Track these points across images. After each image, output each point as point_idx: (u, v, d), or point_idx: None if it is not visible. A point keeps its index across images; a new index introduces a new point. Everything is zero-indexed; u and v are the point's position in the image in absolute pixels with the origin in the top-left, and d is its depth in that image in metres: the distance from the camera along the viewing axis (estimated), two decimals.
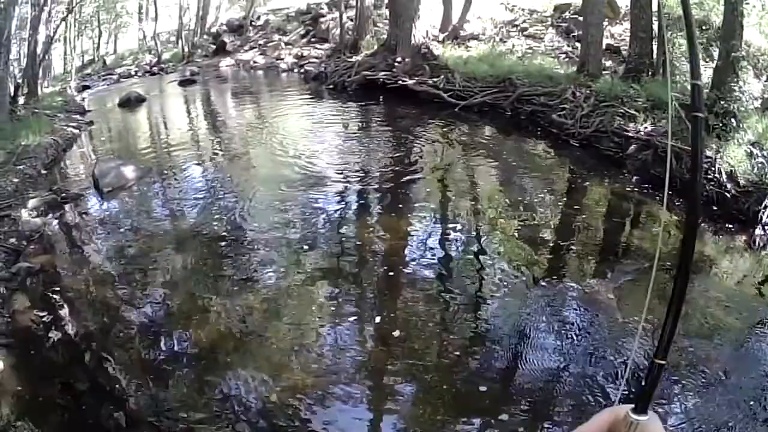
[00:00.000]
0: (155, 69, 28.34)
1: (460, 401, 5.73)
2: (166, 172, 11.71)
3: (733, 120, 11.60)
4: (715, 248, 9.44)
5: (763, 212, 9.74)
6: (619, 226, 10.55)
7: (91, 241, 9.13)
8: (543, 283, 7.80)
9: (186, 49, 30.61)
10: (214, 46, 29.56)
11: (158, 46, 31.33)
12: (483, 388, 5.88)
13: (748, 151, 10.89)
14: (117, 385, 6.06)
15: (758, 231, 9.54)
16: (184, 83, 22.31)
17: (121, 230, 9.33)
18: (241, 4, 36.54)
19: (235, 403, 5.82)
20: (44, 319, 7.05)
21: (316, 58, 23.27)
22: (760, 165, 10.51)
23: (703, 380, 6.12)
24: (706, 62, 14.44)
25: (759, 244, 9.37)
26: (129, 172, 11.03)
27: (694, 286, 7.97)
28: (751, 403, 5.82)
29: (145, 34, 34.79)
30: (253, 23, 31.12)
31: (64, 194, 10.58)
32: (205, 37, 32.02)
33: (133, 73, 28.32)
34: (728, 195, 10.34)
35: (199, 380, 6.12)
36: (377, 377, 6.14)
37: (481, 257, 8.42)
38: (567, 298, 7.57)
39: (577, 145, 13.44)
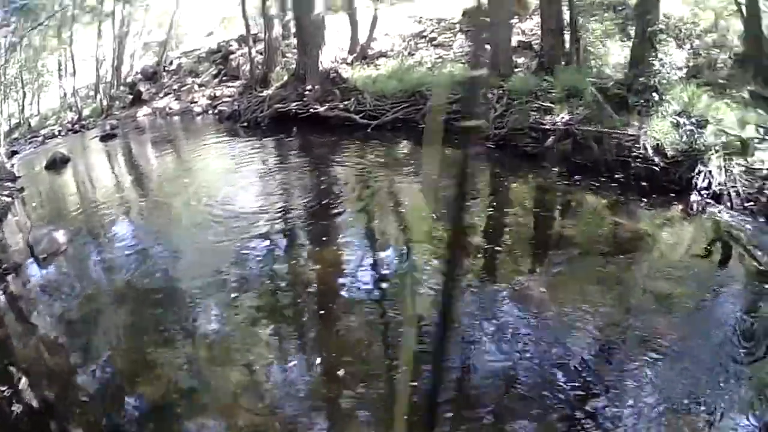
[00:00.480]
0: (77, 126, 27.22)
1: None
2: (96, 231, 11.37)
3: (654, 94, 11.33)
4: (653, 223, 9.10)
5: (697, 177, 9.46)
6: (545, 219, 10.00)
7: (36, 310, 8.74)
8: (474, 289, 7.44)
9: (105, 103, 29.58)
10: (131, 96, 28.50)
11: (78, 102, 30.27)
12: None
13: (674, 121, 10.60)
14: None
15: (694, 197, 9.24)
16: (105, 138, 21.72)
17: (62, 296, 8.86)
18: (154, 50, 35.64)
19: None
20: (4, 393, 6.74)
21: (229, 96, 22.49)
22: (688, 132, 10.17)
23: (658, 354, 6.04)
24: (624, 41, 14.47)
25: (697, 209, 9.09)
26: (61, 236, 10.67)
27: (639, 264, 7.95)
28: (708, 370, 5.79)
29: (66, 91, 33.70)
30: (166, 69, 30.20)
31: (5, 266, 10.14)
32: (122, 88, 31.00)
33: (56, 133, 27.15)
34: (657, 168, 10.06)
35: None
36: (324, 410, 5.99)
37: (413, 273, 7.77)
38: (499, 300, 7.28)
39: (494, 146, 12.94)
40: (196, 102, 23.78)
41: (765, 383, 5.64)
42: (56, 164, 18.38)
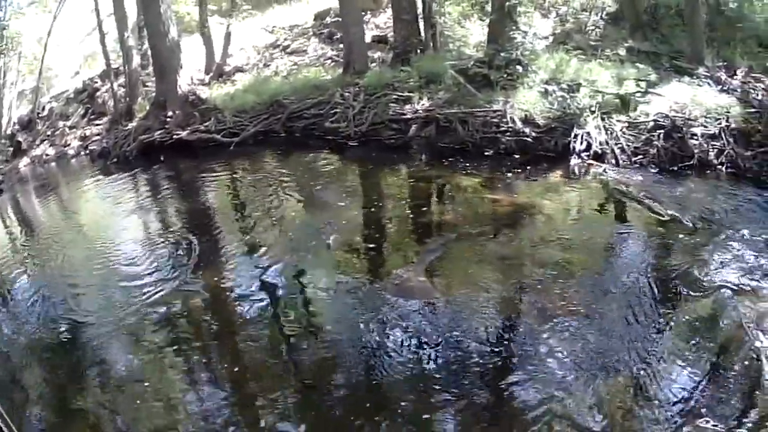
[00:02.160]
0: None
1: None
2: None
3: (518, 67, 10.91)
4: (534, 192, 8.54)
5: (574, 141, 9.00)
6: (418, 207, 9.22)
7: None
8: (352, 291, 6.91)
9: None
10: (11, 149, 26.75)
11: None
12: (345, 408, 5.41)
13: (542, 90, 10.26)
14: None
15: (573, 161, 8.82)
16: None
17: None
18: (28, 97, 33.75)
19: None
20: None
21: (98, 135, 21.32)
22: (559, 99, 9.80)
23: (566, 322, 5.68)
24: (483, 20, 13.98)
25: (579, 172, 8.67)
26: None
27: (525, 236, 7.37)
28: (621, 331, 5.50)
29: None
30: (40, 115, 28.60)
31: None
32: (2, 141, 29.10)
33: None
34: (529, 139, 9.60)
35: None
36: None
37: (301, 280, 7.62)
38: (379, 296, 6.72)
39: (357, 144, 12.37)
40: (68, 145, 22.76)
41: (686, 334, 5.40)
42: None
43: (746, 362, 5.01)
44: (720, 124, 8.71)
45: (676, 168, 8.18)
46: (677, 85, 9.88)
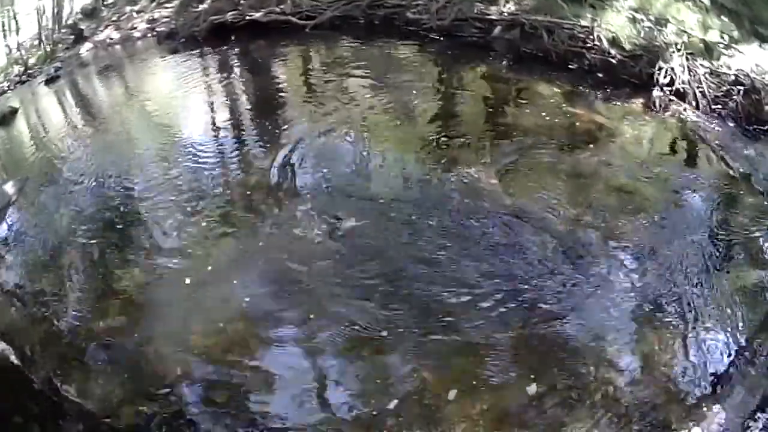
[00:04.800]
0: (24, 77, 24.65)
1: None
2: (48, 175, 9.83)
3: None
4: (613, 115, 8.44)
5: (658, 73, 8.74)
6: (494, 108, 9.31)
7: None
8: (422, 181, 7.13)
9: (48, 48, 26.95)
10: (72, 37, 25.98)
11: (23, 54, 27.44)
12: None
13: (630, 16, 9.87)
14: None
15: (656, 92, 8.55)
16: (50, 81, 19.52)
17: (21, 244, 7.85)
18: None
19: None
20: None
21: (167, 17, 20.45)
22: (647, 29, 9.49)
23: (625, 256, 5.90)
24: None
25: (659, 105, 8.44)
26: (9, 187, 9.49)
27: (599, 157, 7.37)
28: (680, 276, 5.64)
29: (10, 47, 30.62)
30: (105, 3, 27.80)
31: None
32: (63, 30, 28.35)
33: (5, 88, 24.68)
34: (614, 61, 9.30)
35: None
36: None
37: (370, 163, 7.75)
38: (447, 191, 6.90)
39: (438, 38, 11.80)
40: (135, 28, 21.68)
41: (738, 289, 5.52)
42: (4, 119, 16.54)
43: None
44: None
45: (752, 128, 8.04)
46: (759, 50, 9.50)
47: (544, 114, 8.41)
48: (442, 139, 8.02)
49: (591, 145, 7.56)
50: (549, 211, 6.33)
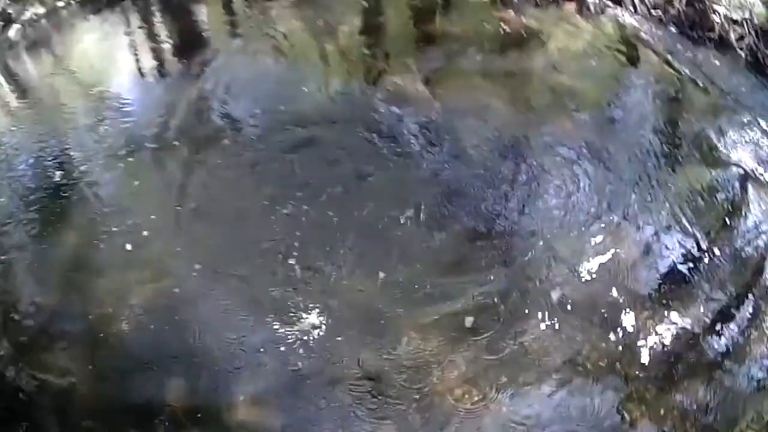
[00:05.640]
0: None
1: None
2: None
3: None
4: (545, 19, 7.86)
5: None
6: (419, 17, 8.50)
7: None
8: (345, 94, 6.64)
9: None
10: (2, 24, 23.81)
11: None
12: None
13: None
14: None
15: None
16: None
17: None
18: None
19: None
20: None
21: None
22: None
23: (571, 157, 5.58)
24: None
25: (594, 9, 7.90)
26: None
27: (532, 59, 6.93)
28: (629, 176, 5.45)
29: None
30: None
31: None
32: None
33: None
34: None
35: None
36: None
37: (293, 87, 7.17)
38: (373, 103, 6.44)
39: None
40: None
41: (691, 187, 5.36)
42: None
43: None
44: (743, 15, 8.02)
45: (696, 36, 7.65)
46: None
47: (471, 20, 7.92)
48: (366, 51, 7.60)
49: (524, 48, 7.15)
50: (482, 111, 5.98)
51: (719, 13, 8.04)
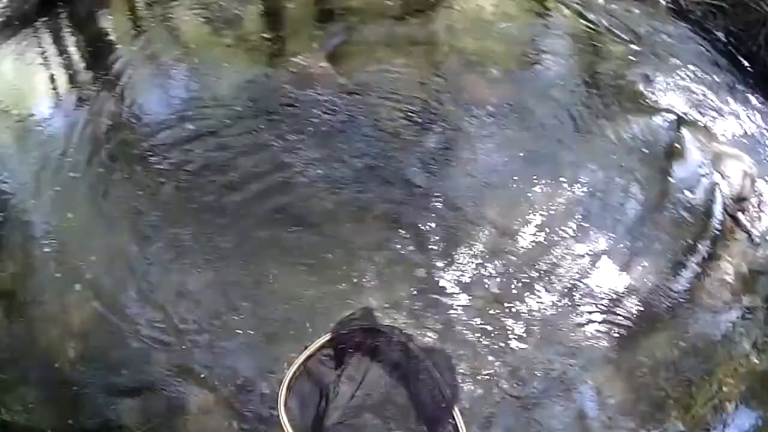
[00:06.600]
0: None
1: None
2: None
3: None
4: None
5: None
6: None
7: None
8: (249, 84, 6.29)
9: None
10: None
11: None
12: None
13: None
14: None
15: None
16: None
17: None
18: None
19: None
20: None
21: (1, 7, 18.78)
22: None
23: (494, 116, 5.29)
24: None
25: None
26: None
27: (436, 24, 6.60)
28: (551, 134, 5.19)
29: None
30: None
31: None
32: None
33: None
34: None
35: None
36: None
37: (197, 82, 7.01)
38: (277, 86, 6.16)
39: None
40: None
41: (619, 139, 5.16)
42: None
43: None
44: None
45: None
46: None
47: None
48: (266, 35, 7.26)
49: (425, 14, 6.77)
50: (390, 81, 5.70)
51: None
